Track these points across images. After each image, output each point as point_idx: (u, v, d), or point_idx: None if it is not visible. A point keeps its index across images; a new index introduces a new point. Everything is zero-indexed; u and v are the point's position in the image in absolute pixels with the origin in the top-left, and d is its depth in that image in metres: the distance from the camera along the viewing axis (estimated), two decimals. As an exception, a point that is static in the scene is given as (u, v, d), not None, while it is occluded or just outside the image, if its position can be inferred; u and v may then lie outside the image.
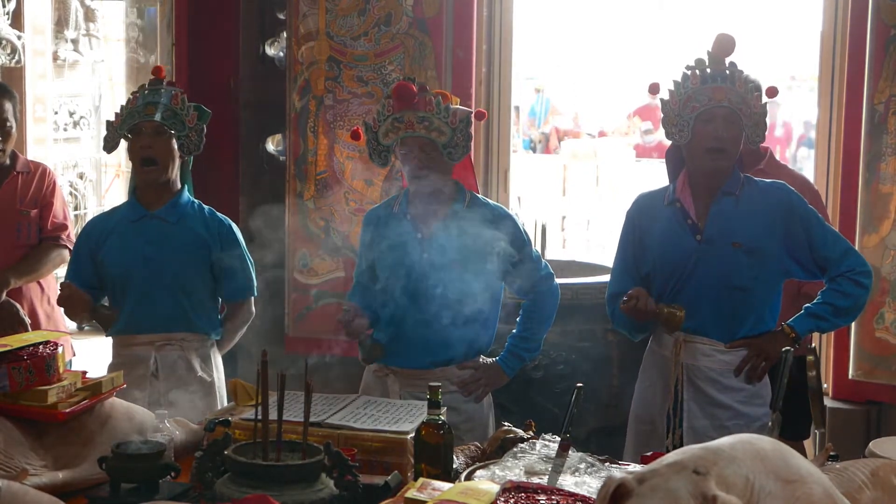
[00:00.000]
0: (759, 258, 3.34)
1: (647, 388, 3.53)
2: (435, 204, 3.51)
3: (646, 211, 3.53)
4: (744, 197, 3.37)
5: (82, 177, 8.25)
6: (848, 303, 3.38)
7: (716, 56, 3.35)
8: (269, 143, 5.45)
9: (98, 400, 2.85)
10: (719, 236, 3.36)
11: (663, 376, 3.44)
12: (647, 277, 3.48)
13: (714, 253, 3.35)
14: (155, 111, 3.53)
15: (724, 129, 3.31)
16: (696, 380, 3.39)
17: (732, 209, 3.37)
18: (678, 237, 3.41)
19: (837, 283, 3.37)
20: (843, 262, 3.36)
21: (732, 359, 3.37)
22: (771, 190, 3.41)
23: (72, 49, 7.79)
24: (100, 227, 3.71)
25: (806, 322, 3.41)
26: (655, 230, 3.46)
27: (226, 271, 3.64)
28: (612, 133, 15.81)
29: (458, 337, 3.46)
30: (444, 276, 3.44)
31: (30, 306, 4.33)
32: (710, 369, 3.38)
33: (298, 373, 2.60)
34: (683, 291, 3.39)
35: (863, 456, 2.89)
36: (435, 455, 2.67)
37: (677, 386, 3.40)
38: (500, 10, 5.18)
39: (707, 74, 3.35)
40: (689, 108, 3.34)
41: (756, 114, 3.33)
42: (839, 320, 3.49)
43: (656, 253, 3.45)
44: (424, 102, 3.42)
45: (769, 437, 2.01)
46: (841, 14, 4.79)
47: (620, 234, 3.62)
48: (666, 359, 3.44)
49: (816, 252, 3.36)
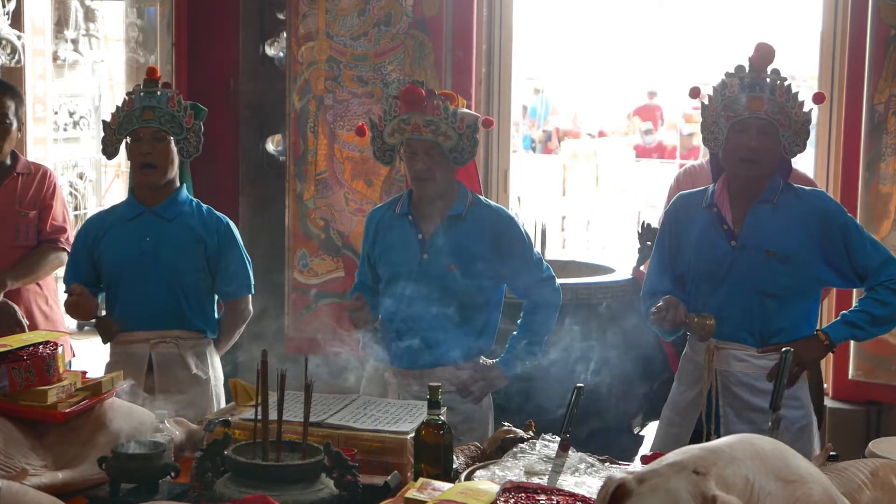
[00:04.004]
0: (793, 266, 3.31)
1: (682, 394, 3.50)
2: (437, 205, 3.51)
3: (684, 212, 3.50)
4: (781, 205, 3.34)
5: (82, 177, 8.26)
6: (886, 312, 3.33)
7: (756, 64, 3.32)
8: (269, 143, 5.46)
9: (98, 400, 2.85)
10: (754, 243, 3.33)
11: (698, 382, 3.43)
12: (682, 277, 3.47)
13: (747, 260, 3.33)
14: (153, 116, 3.53)
15: (758, 140, 3.27)
16: (731, 385, 3.37)
17: (769, 217, 3.34)
18: (713, 242, 3.39)
19: (877, 291, 3.32)
20: (883, 271, 3.32)
21: (766, 363, 3.33)
22: (809, 198, 3.38)
23: (72, 49, 7.79)
24: (98, 224, 3.72)
25: (842, 330, 3.38)
26: (692, 232, 3.45)
27: (223, 269, 3.64)
28: (612, 133, 15.83)
29: (459, 338, 3.46)
30: (444, 277, 3.45)
31: (27, 307, 4.32)
32: (745, 374, 3.35)
33: (298, 373, 2.60)
34: (716, 295, 3.37)
35: (863, 456, 2.88)
36: (435, 455, 2.66)
37: (711, 392, 3.38)
38: (500, 10, 5.18)
39: (745, 83, 3.30)
40: (725, 116, 3.31)
41: (796, 122, 3.28)
42: (876, 329, 3.43)
43: (691, 255, 3.44)
44: (432, 107, 3.41)
45: (769, 437, 2.01)
46: (841, 14, 4.79)
47: (658, 233, 3.61)
48: (700, 365, 3.42)
49: (855, 261, 3.32)
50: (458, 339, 3.46)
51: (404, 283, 3.49)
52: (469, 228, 3.49)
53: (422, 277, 3.47)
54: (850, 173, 4.72)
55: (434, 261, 3.47)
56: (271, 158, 5.45)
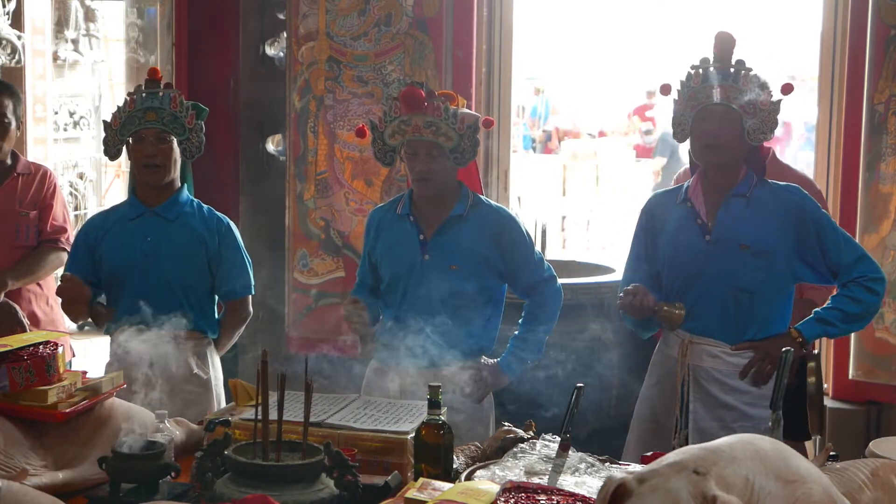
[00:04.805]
0: (767, 261, 3.32)
1: (653, 388, 3.52)
2: (438, 205, 3.51)
3: (659, 208, 3.52)
4: (754, 199, 3.35)
5: (82, 177, 8.24)
6: (859, 309, 3.34)
7: (718, 54, 3.35)
8: (269, 143, 5.46)
9: (98, 400, 2.85)
10: (727, 237, 3.34)
11: (670, 377, 3.44)
12: (658, 275, 3.48)
13: (721, 254, 3.34)
14: (155, 117, 3.54)
15: (720, 126, 3.29)
16: (702, 381, 3.38)
17: (742, 210, 3.35)
18: (687, 236, 3.40)
19: (849, 288, 3.33)
20: (856, 267, 3.32)
21: (739, 361, 3.36)
22: (783, 192, 3.39)
23: (72, 49, 7.78)
24: (99, 224, 3.72)
25: (814, 327, 3.38)
26: (667, 228, 3.46)
27: (223, 270, 3.65)
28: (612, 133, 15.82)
29: (460, 338, 3.46)
30: (446, 277, 3.45)
31: (28, 307, 4.33)
32: (716, 370, 3.37)
33: (298, 373, 2.61)
34: (691, 291, 3.39)
35: (863, 456, 2.89)
36: (435, 455, 2.67)
37: (683, 387, 3.39)
38: (500, 10, 5.18)
39: (710, 73, 3.34)
40: (690, 106, 3.35)
41: (762, 111, 3.30)
42: (849, 326, 3.46)
43: (666, 251, 3.45)
44: (433, 108, 3.41)
45: (769, 437, 2.01)
46: (841, 14, 4.79)
47: (634, 230, 3.61)
48: (673, 359, 3.43)
49: (828, 257, 3.33)
50: (458, 339, 3.46)
51: (405, 283, 3.50)
52: (470, 229, 3.49)
53: (423, 278, 3.47)
54: (850, 173, 4.72)
55: (435, 261, 3.47)
56: (271, 158, 5.45)
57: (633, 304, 3.34)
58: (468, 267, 3.47)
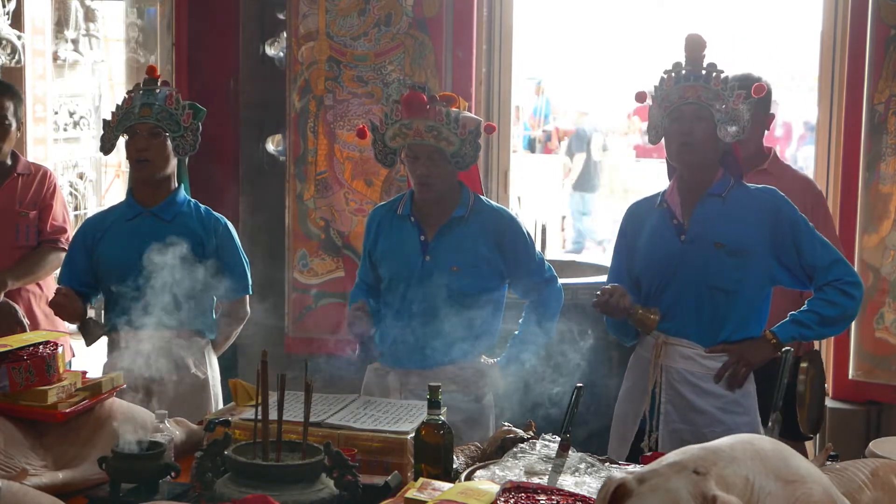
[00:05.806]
0: (742, 260, 3.30)
1: (630, 389, 3.51)
2: (439, 207, 3.51)
3: (638, 214, 3.52)
4: (730, 199, 3.34)
5: (82, 177, 8.24)
6: (834, 312, 3.31)
7: (689, 56, 3.35)
8: (269, 143, 5.45)
9: (98, 400, 2.85)
10: (702, 236, 3.33)
11: (644, 378, 3.42)
12: (638, 281, 3.47)
13: (696, 252, 3.33)
14: (150, 113, 3.54)
15: (692, 125, 3.29)
16: (675, 383, 3.35)
17: (717, 210, 3.34)
18: (663, 237, 3.39)
19: (824, 291, 3.30)
20: (831, 271, 3.30)
21: (712, 364, 3.32)
22: (760, 194, 3.38)
23: (72, 49, 7.78)
24: (96, 225, 3.72)
25: (789, 329, 3.33)
26: (644, 232, 3.46)
27: (221, 270, 3.64)
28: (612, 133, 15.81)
29: (460, 338, 3.46)
30: (446, 277, 3.44)
31: (28, 307, 4.33)
32: (690, 373, 3.33)
33: (298, 373, 2.60)
34: (667, 292, 3.37)
35: (863, 456, 2.89)
36: (435, 455, 2.67)
37: (655, 388, 3.38)
38: (500, 10, 5.18)
39: (681, 75, 3.33)
40: (663, 107, 3.34)
41: (734, 110, 3.28)
42: (824, 329, 3.41)
43: (643, 253, 3.44)
44: (434, 112, 3.41)
45: (769, 437, 2.01)
46: (841, 14, 4.79)
47: (616, 238, 3.62)
48: (647, 360, 3.42)
49: (804, 259, 3.31)
50: (459, 340, 3.46)
51: (406, 284, 3.49)
52: (471, 230, 3.49)
53: (424, 279, 3.47)
54: (850, 173, 4.72)
55: (436, 263, 3.47)
56: (271, 158, 5.45)
57: (609, 303, 3.33)
58: (469, 268, 3.47)
